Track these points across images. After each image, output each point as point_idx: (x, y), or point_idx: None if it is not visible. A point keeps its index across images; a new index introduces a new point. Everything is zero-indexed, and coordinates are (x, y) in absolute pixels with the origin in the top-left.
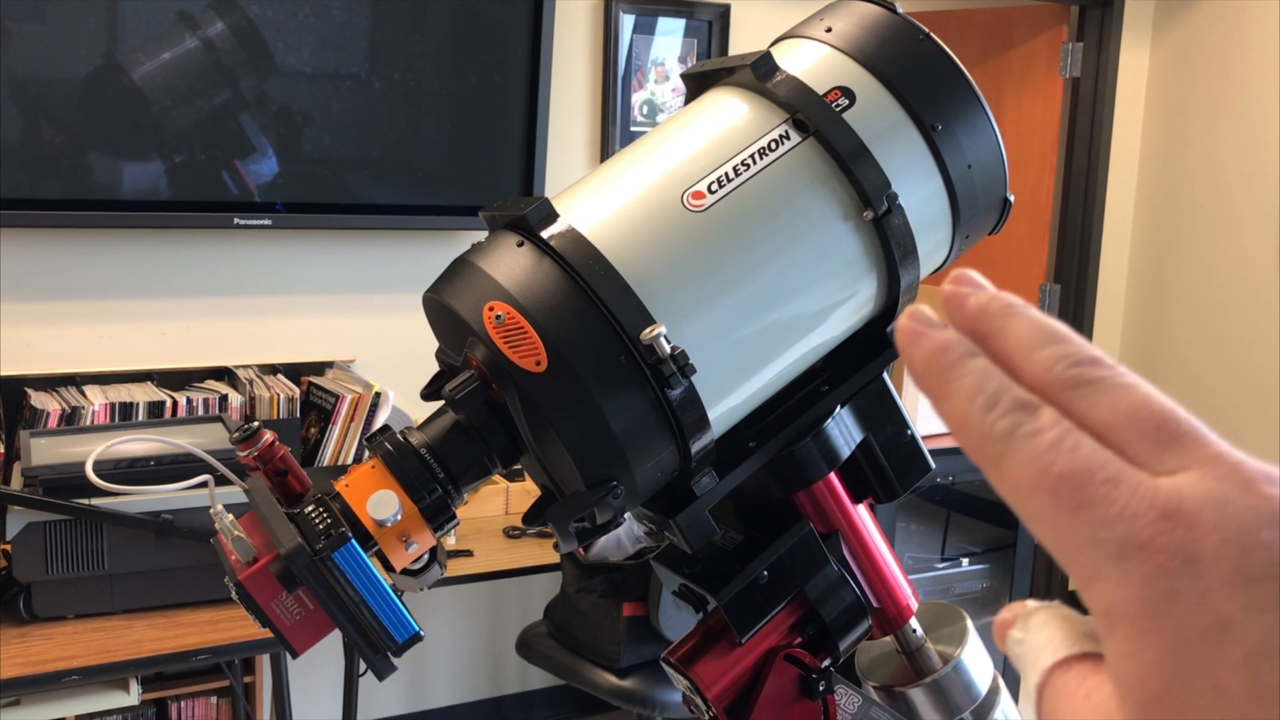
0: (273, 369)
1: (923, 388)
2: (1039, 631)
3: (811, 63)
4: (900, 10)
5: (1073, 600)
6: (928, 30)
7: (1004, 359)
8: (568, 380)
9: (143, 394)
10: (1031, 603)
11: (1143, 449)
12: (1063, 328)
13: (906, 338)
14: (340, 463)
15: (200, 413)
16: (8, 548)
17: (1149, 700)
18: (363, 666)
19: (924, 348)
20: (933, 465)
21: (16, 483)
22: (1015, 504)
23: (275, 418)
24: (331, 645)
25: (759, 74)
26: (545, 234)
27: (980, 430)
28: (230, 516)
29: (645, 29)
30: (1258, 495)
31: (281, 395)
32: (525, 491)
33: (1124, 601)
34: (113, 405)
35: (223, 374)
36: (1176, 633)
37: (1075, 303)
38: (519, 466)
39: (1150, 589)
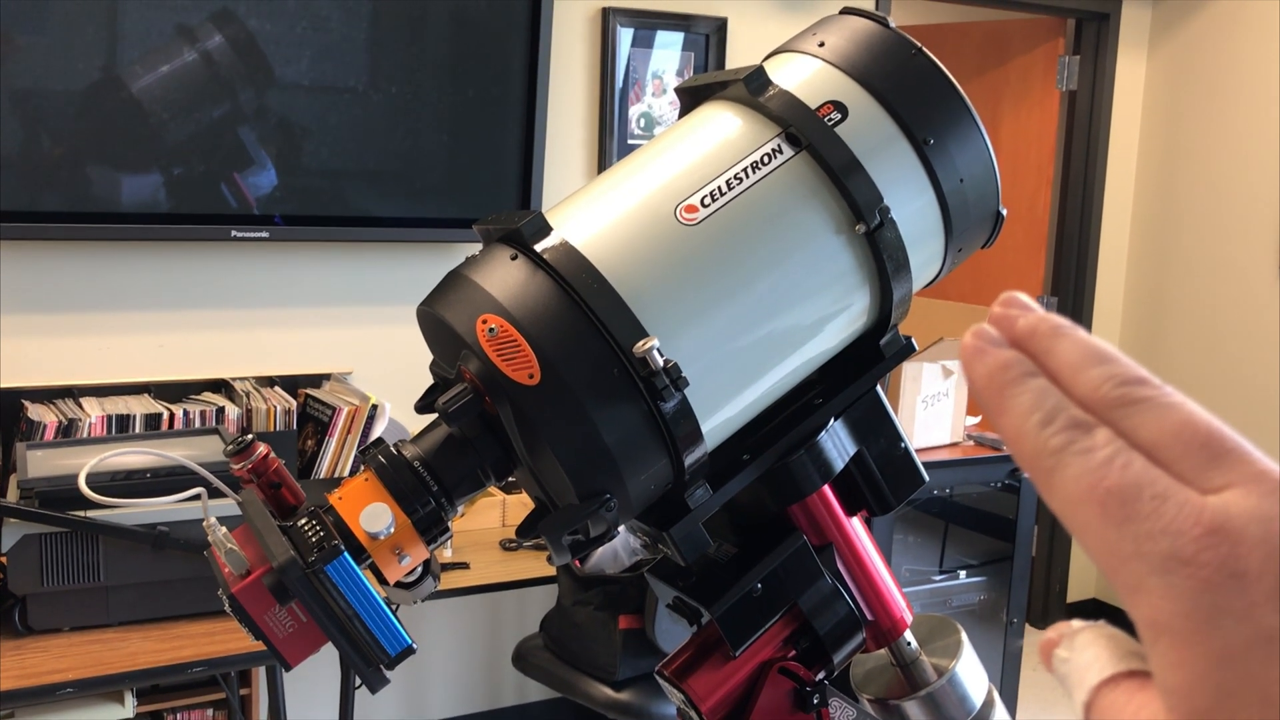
0: (270, 381)
1: (982, 402)
2: (1085, 651)
3: (804, 77)
4: (893, 25)
5: (1070, 613)
6: (920, 45)
7: (1053, 378)
8: (561, 393)
9: (140, 406)
10: (1077, 622)
11: (1189, 466)
12: (1110, 348)
13: (969, 354)
14: (337, 475)
15: (197, 425)
16: (3, 560)
17: (1197, 712)
18: (357, 679)
19: (985, 364)
20: (926, 478)
21: (13, 495)
22: (1065, 516)
23: (272, 430)
24: (327, 657)
25: (752, 88)
26: (539, 247)
27: (1035, 445)
28: (224, 529)
29: (643, 42)
30: None
31: (278, 407)
32: (522, 504)
33: (1169, 614)
34: (110, 417)
35: (220, 386)
36: (1223, 645)
37: (1072, 315)
38: (514, 479)
39: (1195, 602)
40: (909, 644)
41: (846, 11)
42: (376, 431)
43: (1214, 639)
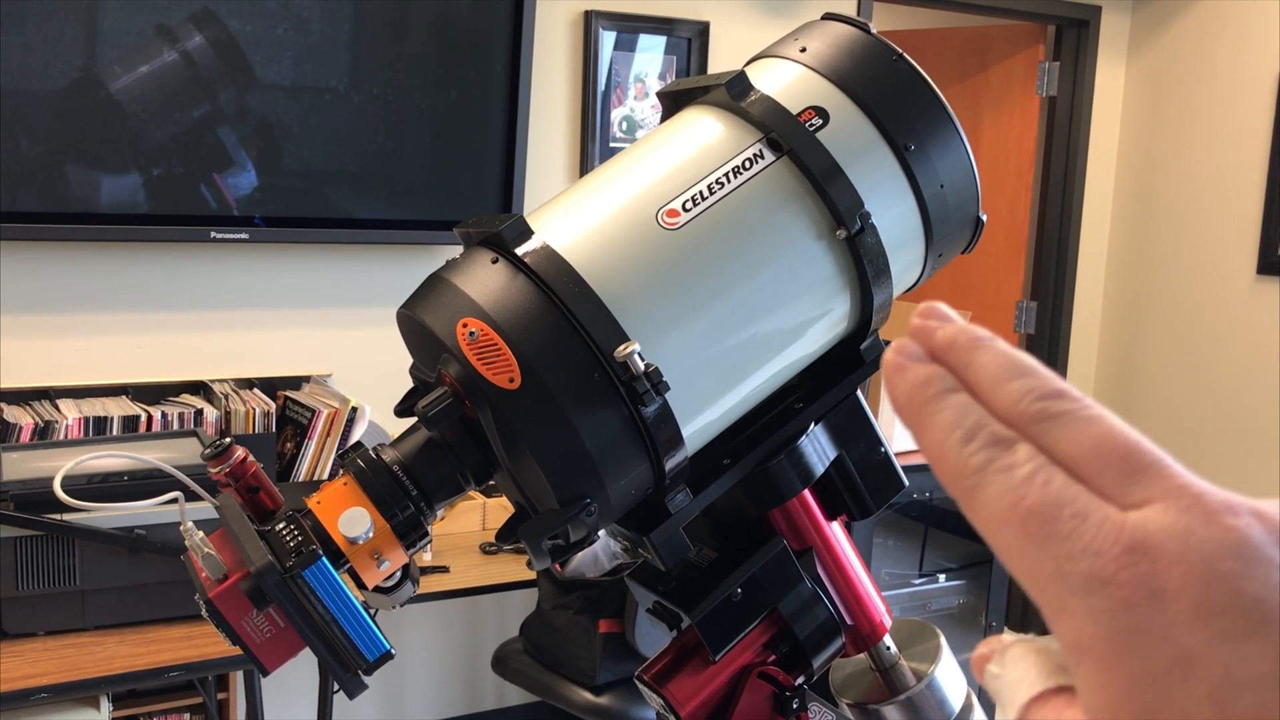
0: (249, 383)
1: (904, 420)
2: (1015, 666)
3: (786, 82)
4: (874, 31)
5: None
6: (901, 51)
7: (973, 392)
8: (541, 397)
9: (117, 408)
10: (1008, 636)
11: (1109, 482)
12: (1030, 361)
13: (890, 370)
14: (316, 478)
15: (175, 427)
16: None
17: None
18: (336, 684)
19: (906, 380)
20: (906, 483)
21: None
22: (988, 536)
23: (251, 432)
24: (306, 661)
25: (733, 93)
26: (520, 251)
27: (956, 463)
28: (200, 533)
29: (625, 45)
30: (1220, 526)
31: (257, 410)
32: (502, 507)
33: (1090, 636)
34: (87, 420)
35: (198, 388)
36: (1143, 666)
37: (1052, 319)
38: (494, 483)
39: (1115, 623)
40: (888, 649)
41: (828, 17)
42: (356, 434)
43: (1134, 660)
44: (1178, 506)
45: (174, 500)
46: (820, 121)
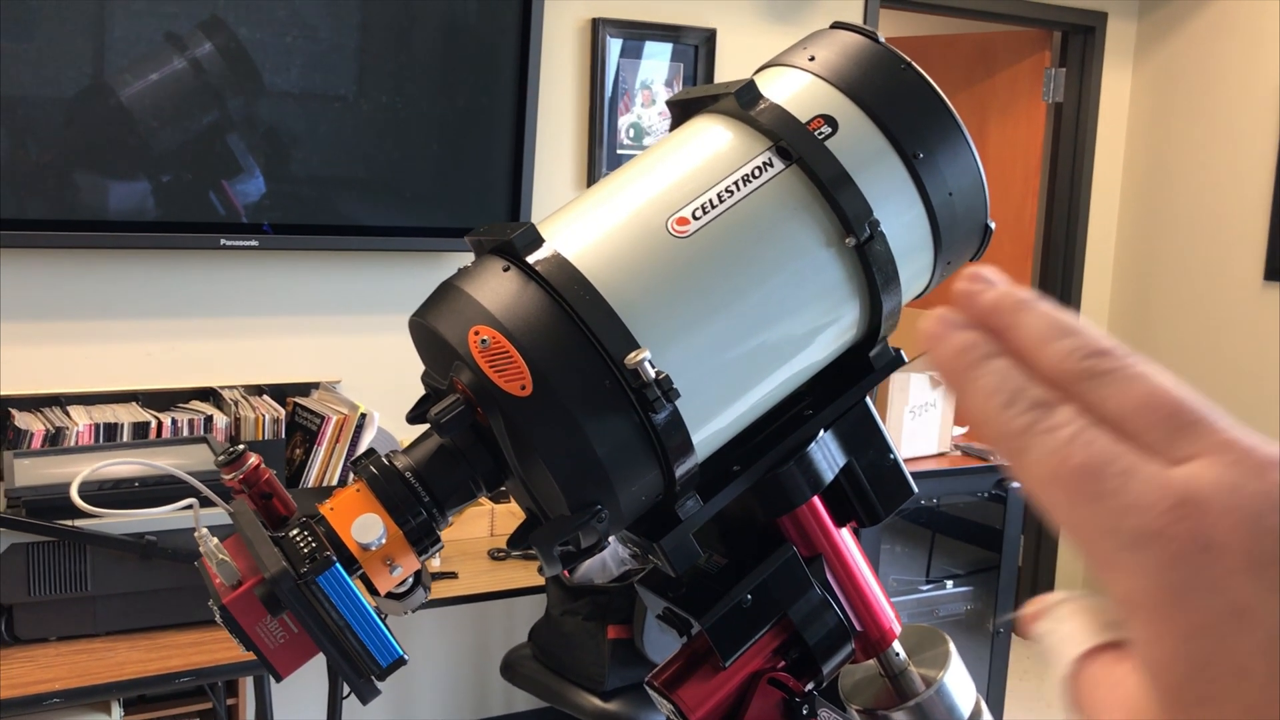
0: (258, 390)
1: (947, 384)
2: (1065, 623)
3: (794, 91)
4: (882, 39)
5: None
6: (909, 59)
7: (1019, 353)
8: (552, 404)
9: (128, 415)
10: (1057, 595)
11: (1156, 438)
12: (1075, 320)
13: (930, 338)
14: (325, 484)
15: (185, 433)
16: None
17: (1173, 685)
18: (346, 689)
19: (947, 348)
20: (915, 489)
21: (0, 504)
22: (1036, 497)
23: (260, 438)
24: (315, 667)
25: (743, 102)
26: (531, 259)
27: (999, 427)
28: (215, 539)
29: (632, 53)
30: (1268, 480)
31: (267, 416)
32: (510, 513)
33: (1142, 590)
34: (97, 426)
35: (208, 395)
36: (1196, 619)
37: None
38: (504, 489)
39: (1166, 577)
40: (897, 654)
41: (837, 26)
42: (365, 440)
43: (1186, 613)
44: (1225, 461)
45: (189, 506)
46: (829, 130)
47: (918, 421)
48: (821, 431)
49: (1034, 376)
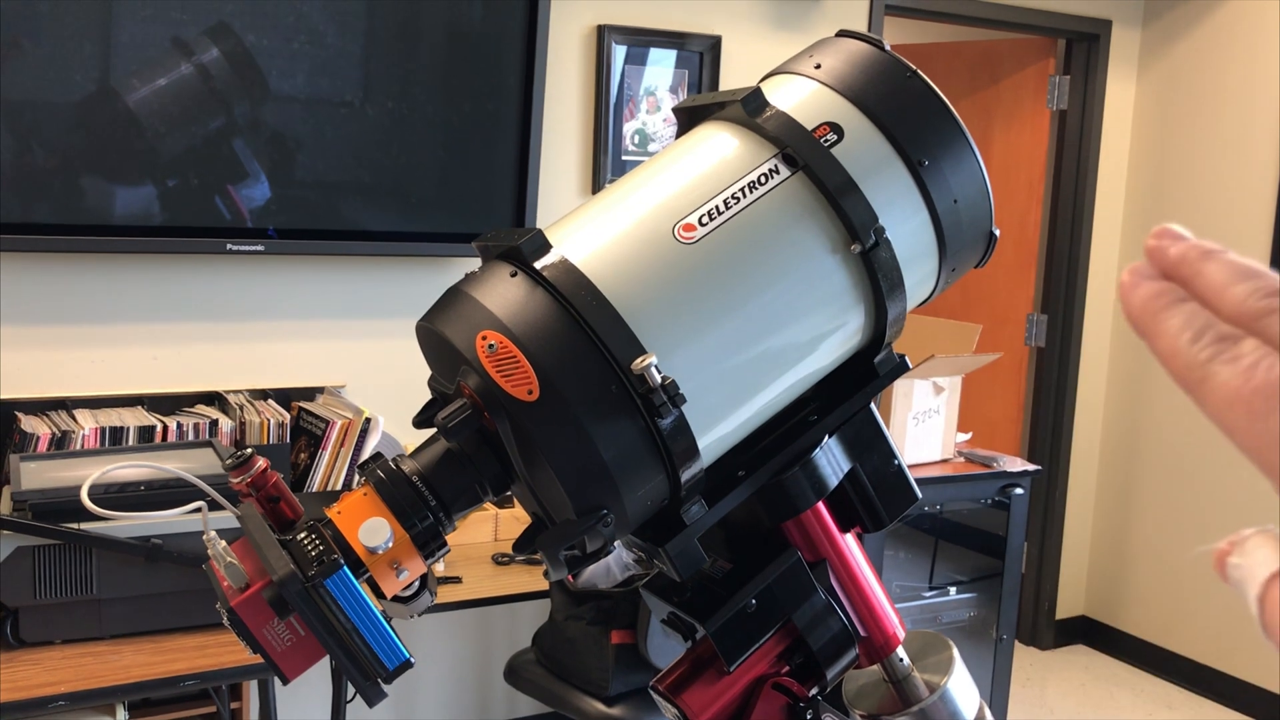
0: (263, 394)
1: (1137, 329)
2: (1255, 552)
3: (801, 98)
4: (888, 47)
5: (1059, 630)
6: (915, 67)
7: (1203, 298)
8: (559, 409)
9: (133, 418)
10: (1247, 530)
11: None
12: (1256, 266)
13: (1125, 289)
14: (330, 488)
15: (190, 437)
16: None
17: None
18: (351, 692)
19: (1139, 294)
20: (919, 495)
21: (5, 507)
22: (1218, 421)
23: (265, 443)
24: (319, 671)
25: (749, 109)
26: (538, 264)
27: (1187, 359)
28: (223, 543)
29: (637, 59)
30: None
31: (272, 420)
32: (514, 518)
33: None
34: (103, 429)
35: (213, 399)
36: None
37: (1062, 333)
38: (509, 494)
39: None
40: (901, 660)
41: (843, 34)
42: (369, 445)
43: None
44: None
45: (197, 510)
46: (835, 137)
47: (921, 428)
48: (826, 437)
49: (1219, 317)
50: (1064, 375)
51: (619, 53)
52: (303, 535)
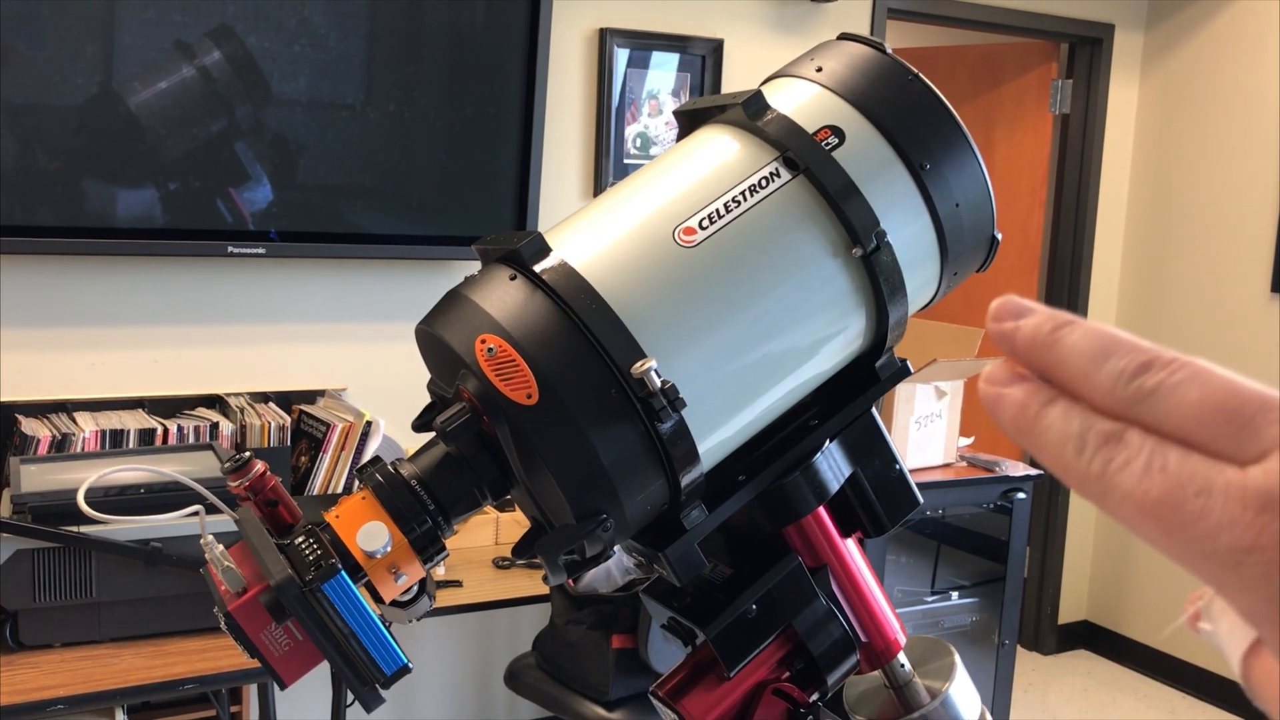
0: (264, 397)
1: (1019, 444)
2: (1222, 619)
3: (801, 101)
4: (889, 50)
5: (1062, 634)
6: (916, 70)
7: (1071, 390)
8: (558, 413)
9: (134, 421)
10: (1209, 589)
11: (1222, 445)
12: (1109, 336)
13: (989, 403)
14: (330, 491)
15: (191, 440)
16: None
17: None
18: (350, 697)
19: (1006, 410)
20: (921, 500)
21: (5, 510)
22: (1133, 532)
23: (266, 446)
24: (319, 675)
25: (750, 112)
26: (538, 268)
27: (1079, 475)
28: (220, 547)
29: (639, 63)
30: None
31: (272, 423)
32: (515, 522)
33: (1254, 603)
34: (103, 432)
35: (214, 402)
36: None
37: None
38: (509, 497)
39: (1271, 587)
40: (903, 666)
41: (844, 37)
42: (370, 448)
43: None
44: None
45: (194, 513)
46: (836, 140)
47: (923, 432)
48: (827, 442)
49: (1093, 410)
50: None
51: (621, 56)
52: (300, 539)
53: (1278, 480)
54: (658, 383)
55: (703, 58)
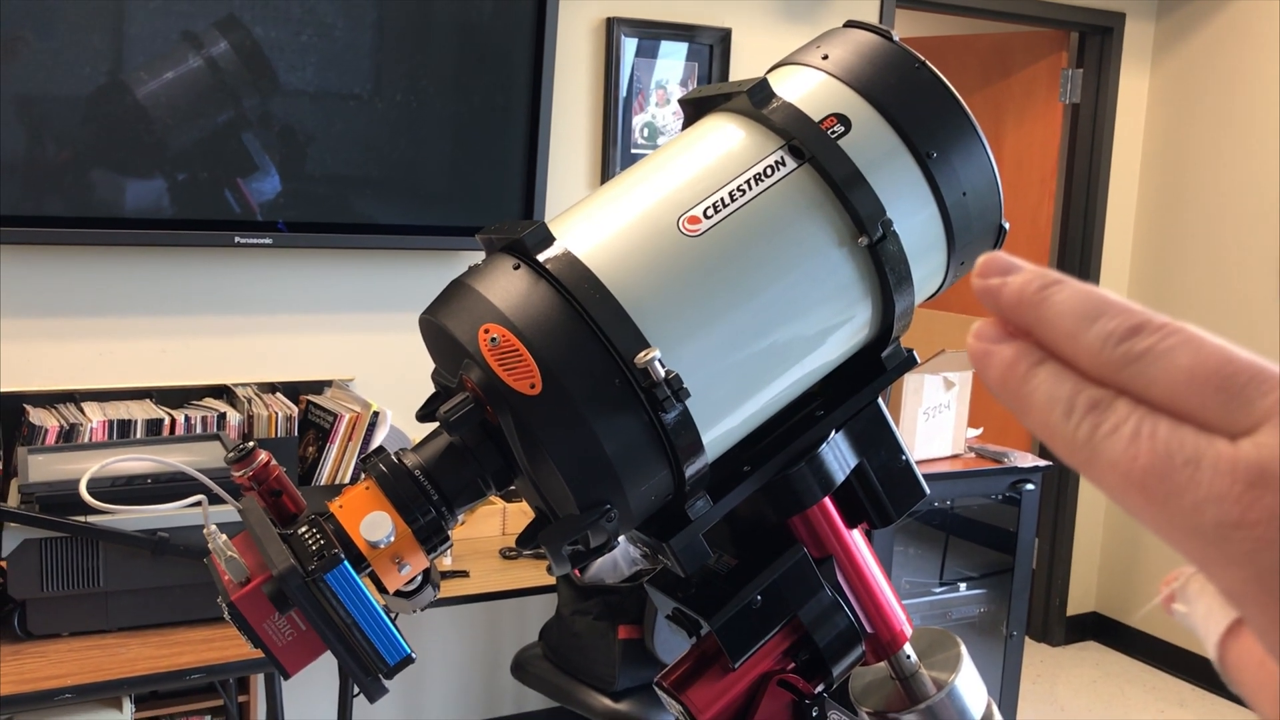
0: (271, 387)
1: (1004, 403)
2: (1198, 601)
3: (808, 89)
4: (897, 38)
5: (1070, 626)
6: (923, 58)
7: (1057, 351)
8: (562, 403)
9: (141, 411)
10: (1186, 569)
11: (1212, 414)
12: (1098, 297)
13: (976, 360)
14: (337, 481)
15: (199, 430)
16: (3, 565)
17: None
18: (356, 687)
19: (994, 368)
20: (927, 491)
21: (13, 499)
22: (1116, 502)
23: (273, 436)
24: (326, 665)
25: (755, 100)
26: (541, 257)
27: (1065, 439)
28: (224, 536)
29: (647, 52)
30: None
31: (280, 414)
32: (522, 512)
33: (1239, 581)
34: (111, 423)
35: (222, 392)
36: None
37: None
38: (514, 488)
39: (1258, 564)
40: (908, 657)
41: (850, 25)
42: (378, 439)
43: None
44: None
45: (198, 503)
46: (842, 129)
47: (931, 423)
48: (833, 432)
49: (1080, 372)
50: None
51: (629, 45)
52: (304, 529)
53: (1267, 455)
54: (661, 373)
55: (710, 47)
